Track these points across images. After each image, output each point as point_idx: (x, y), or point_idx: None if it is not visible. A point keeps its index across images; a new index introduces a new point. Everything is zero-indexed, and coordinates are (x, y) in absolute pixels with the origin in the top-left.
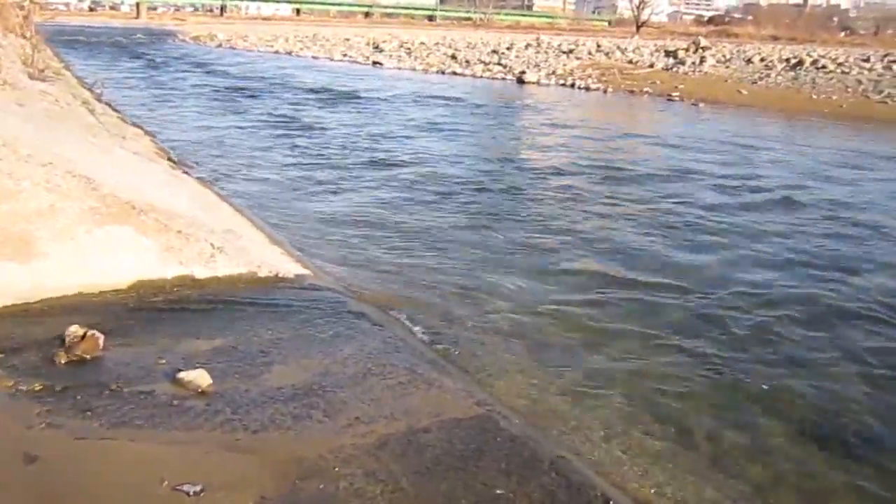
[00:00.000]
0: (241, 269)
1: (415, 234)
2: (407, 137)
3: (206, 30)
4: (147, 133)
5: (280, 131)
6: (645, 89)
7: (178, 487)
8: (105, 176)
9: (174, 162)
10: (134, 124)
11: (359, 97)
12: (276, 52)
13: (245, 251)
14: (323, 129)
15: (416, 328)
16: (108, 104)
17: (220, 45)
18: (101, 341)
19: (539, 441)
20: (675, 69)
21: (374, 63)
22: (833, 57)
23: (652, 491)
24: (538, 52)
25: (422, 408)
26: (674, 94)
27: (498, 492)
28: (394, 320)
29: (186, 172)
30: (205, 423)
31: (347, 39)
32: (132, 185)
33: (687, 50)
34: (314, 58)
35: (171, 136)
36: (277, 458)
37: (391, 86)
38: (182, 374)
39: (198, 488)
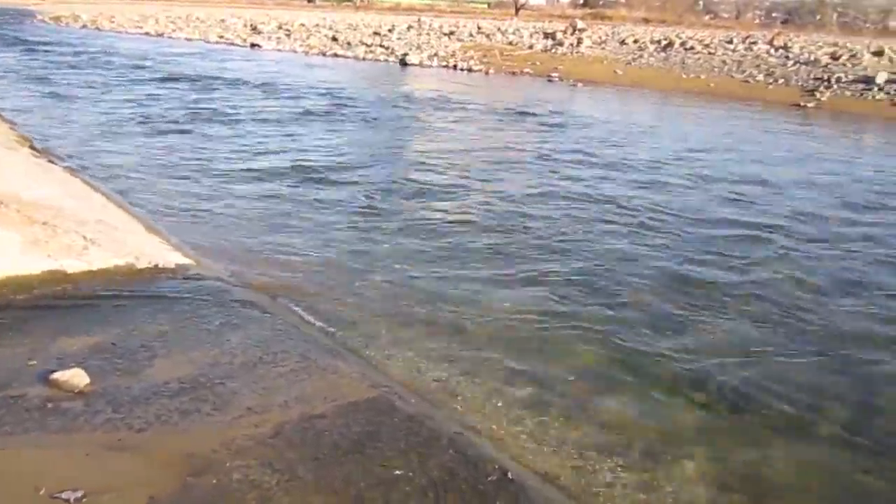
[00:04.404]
0: (118, 260)
1: (298, 221)
2: (288, 123)
3: (68, 9)
4: (5, 120)
5: (150, 118)
6: (525, 70)
7: (56, 495)
8: None
9: (37, 150)
10: None
11: (238, 80)
12: (147, 33)
13: (121, 242)
14: (198, 116)
15: (307, 314)
16: None
17: (84, 27)
18: None
19: (436, 419)
20: (553, 50)
21: (253, 45)
22: (700, 39)
23: (549, 462)
24: (420, 34)
25: (316, 394)
26: (553, 74)
27: (397, 472)
28: (283, 307)
29: (52, 161)
30: (84, 425)
31: (223, 20)
32: None
33: (564, 32)
34: (188, 39)
35: (33, 122)
36: (166, 455)
37: (271, 69)
38: (56, 375)
39: (79, 494)
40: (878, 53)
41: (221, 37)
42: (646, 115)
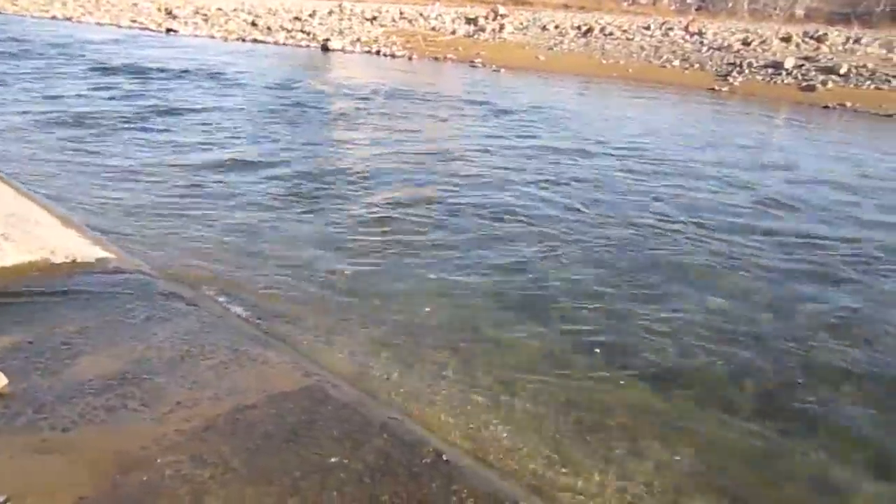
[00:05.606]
0: (33, 256)
1: (220, 212)
2: (212, 114)
3: None
4: None
5: (64, 111)
6: (448, 56)
7: None
8: None
9: None
10: None
11: (157, 69)
12: (54, 17)
13: (35, 236)
14: (115, 108)
15: (234, 305)
16: None
17: None
18: None
19: (369, 406)
20: (476, 36)
21: (168, 30)
22: (619, 25)
23: (482, 443)
24: (342, 19)
25: (247, 385)
26: (476, 60)
27: (332, 460)
28: (209, 299)
29: None
30: (4, 428)
31: (135, 4)
32: None
33: (487, 17)
34: (99, 24)
35: None
36: (93, 454)
37: (191, 56)
38: None
39: (2, 498)
40: (786, 39)
41: (134, 21)
42: (568, 100)
